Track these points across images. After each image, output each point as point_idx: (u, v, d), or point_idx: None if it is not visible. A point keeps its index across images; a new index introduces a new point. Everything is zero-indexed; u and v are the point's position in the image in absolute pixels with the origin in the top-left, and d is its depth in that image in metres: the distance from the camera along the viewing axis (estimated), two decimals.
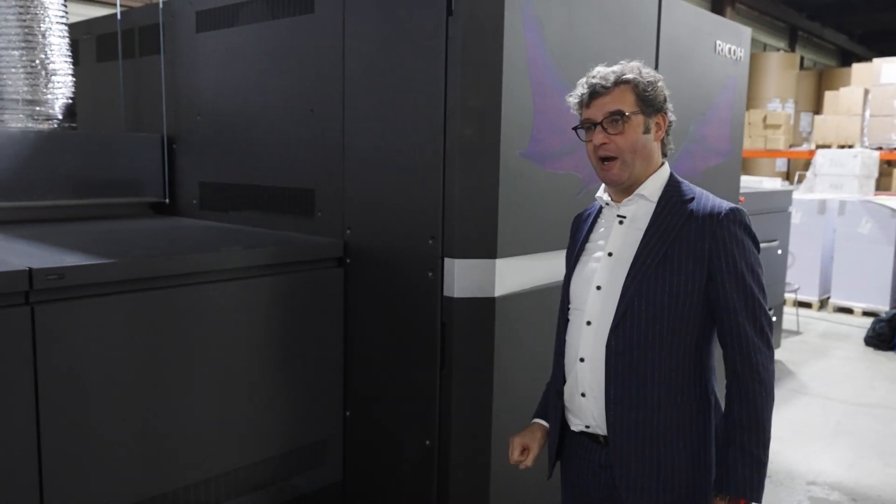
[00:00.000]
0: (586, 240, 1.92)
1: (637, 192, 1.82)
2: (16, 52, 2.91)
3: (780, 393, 5.36)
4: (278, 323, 2.41)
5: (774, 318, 6.20)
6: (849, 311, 8.10)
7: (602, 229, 1.89)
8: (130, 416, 2.06)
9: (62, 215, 3.04)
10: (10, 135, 2.84)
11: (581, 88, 1.82)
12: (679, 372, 1.76)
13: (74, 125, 3.15)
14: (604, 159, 1.79)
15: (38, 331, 1.86)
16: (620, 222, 1.84)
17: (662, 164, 1.86)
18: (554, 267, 2.41)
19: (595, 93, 1.79)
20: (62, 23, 3.04)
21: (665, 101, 1.83)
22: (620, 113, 1.76)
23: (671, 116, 1.85)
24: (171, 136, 3.31)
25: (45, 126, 3.01)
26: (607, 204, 1.88)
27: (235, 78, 3.00)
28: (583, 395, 1.84)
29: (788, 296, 7.22)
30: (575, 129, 1.87)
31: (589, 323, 1.82)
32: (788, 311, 7.18)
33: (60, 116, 3.06)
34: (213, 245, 2.43)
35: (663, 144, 1.87)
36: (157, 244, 2.45)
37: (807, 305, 8.24)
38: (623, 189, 1.84)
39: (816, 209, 8.13)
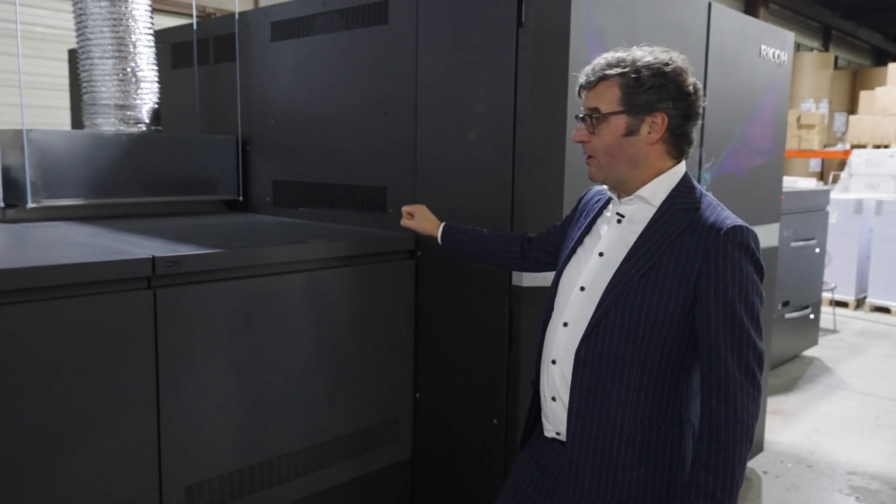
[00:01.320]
0: (587, 231, 1.79)
1: (637, 193, 1.67)
2: (110, 62, 3.15)
3: (817, 388, 5.49)
4: (356, 310, 2.62)
5: (812, 316, 6.30)
6: (885, 310, 8.13)
7: (603, 225, 1.76)
8: (234, 390, 2.29)
9: (148, 211, 3.29)
10: (104, 137, 3.09)
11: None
12: (649, 395, 1.61)
13: (160, 128, 3.39)
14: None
15: (159, 312, 2.09)
16: (619, 221, 1.71)
17: (674, 165, 1.67)
18: None
19: (581, 87, 1.68)
20: (149, 33, 3.29)
21: (662, 98, 1.59)
22: (595, 111, 1.63)
23: (684, 112, 1.61)
24: (244, 137, 3.55)
25: (134, 129, 3.26)
26: (612, 199, 1.76)
27: (308, 84, 3.22)
28: (553, 398, 1.75)
29: (825, 295, 7.29)
30: (578, 117, 1.73)
31: (566, 324, 1.71)
32: (825, 309, 7.26)
33: (147, 120, 3.31)
34: (300, 238, 2.64)
35: (673, 146, 1.65)
36: (248, 237, 2.67)
37: (843, 305, 8.29)
38: (612, 188, 1.73)
39: (853, 209, 8.18)
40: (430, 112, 2.73)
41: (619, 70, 1.60)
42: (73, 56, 4.79)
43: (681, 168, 1.69)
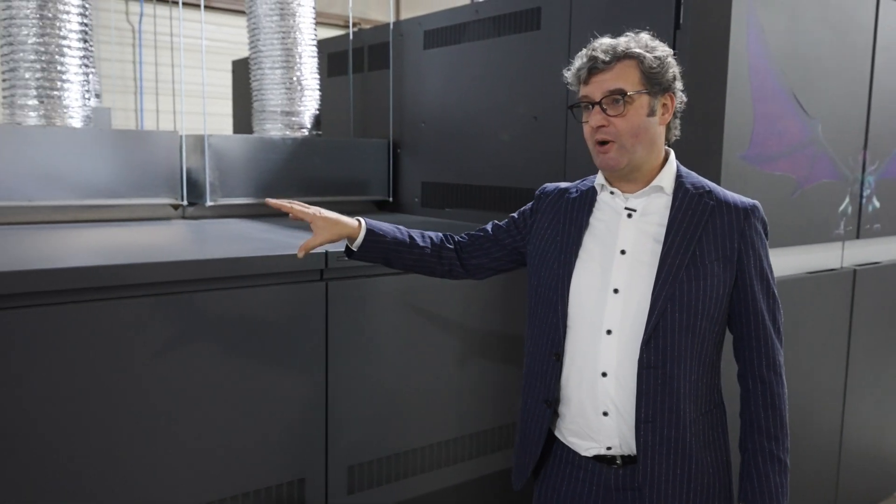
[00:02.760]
0: (583, 229, 1.68)
1: (654, 183, 1.63)
2: (279, 71, 3.41)
3: None
4: (504, 305, 2.69)
5: None
6: None
7: (602, 223, 1.67)
8: (393, 379, 2.42)
9: None
10: (272, 142, 3.35)
11: (579, 61, 1.61)
12: (704, 381, 1.62)
13: (320, 132, 3.63)
14: (601, 142, 1.60)
15: (330, 302, 2.26)
16: (629, 216, 1.63)
17: (669, 151, 1.68)
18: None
19: (595, 68, 1.57)
20: (313, 44, 3.52)
21: (675, 79, 1.61)
22: (622, 92, 1.55)
23: (681, 97, 1.64)
24: (395, 141, 3.72)
25: (298, 134, 3.50)
26: (612, 193, 1.66)
27: (458, 89, 3.34)
28: (605, 413, 1.62)
29: None
30: (570, 107, 1.68)
31: (609, 332, 1.60)
32: None
33: (309, 125, 3.54)
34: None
35: (668, 129, 1.65)
36: None
37: None
38: (621, 176, 1.64)
39: None
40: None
41: (640, 51, 1.56)
42: (237, 67, 5.19)
43: (672, 153, 1.69)
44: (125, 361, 1.92)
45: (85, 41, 2.91)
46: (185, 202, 3.16)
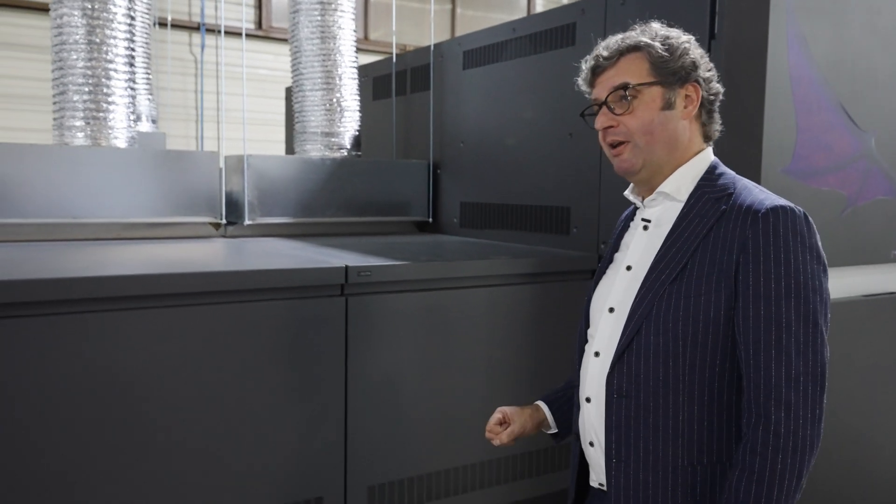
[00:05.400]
0: (615, 248, 1.58)
1: (659, 189, 1.46)
2: (319, 93, 3.46)
3: None
4: (537, 327, 2.62)
5: None
6: None
7: (629, 238, 1.55)
8: (415, 397, 2.38)
9: (347, 231, 3.54)
10: (312, 162, 3.38)
11: (584, 64, 1.52)
12: (705, 425, 1.35)
13: (360, 153, 3.65)
14: (613, 145, 1.46)
15: (350, 317, 2.23)
16: (645, 227, 1.49)
17: (702, 150, 1.48)
18: None
19: (598, 66, 1.47)
20: (353, 66, 3.56)
21: (696, 66, 1.43)
22: (625, 86, 1.41)
23: (714, 87, 1.47)
24: (436, 162, 3.71)
25: (337, 154, 3.53)
26: (641, 205, 1.53)
27: (496, 107, 3.31)
28: (591, 444, 1.49)
29: None
30: (582, 114, 1.56)
31: (597, 354, 1.46)
32: None
33: (349, 146, 3.57)
34: (483, 255, 2.71)
35: (704, 125, 1.48)
36: (435, 253, 2.79)
37: None
38: (643, 181, 1.49)
39: None
40: None
41: (644, 40, 1.43)
42: (289, 93, 5.32)
43: (708, 154, 1.49)
44: (141, 373, 1.94)
45: (131, 65, 3.01)
46: (223, 221, 3.21)
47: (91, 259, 2.36)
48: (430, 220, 3.73)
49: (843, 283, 2.62)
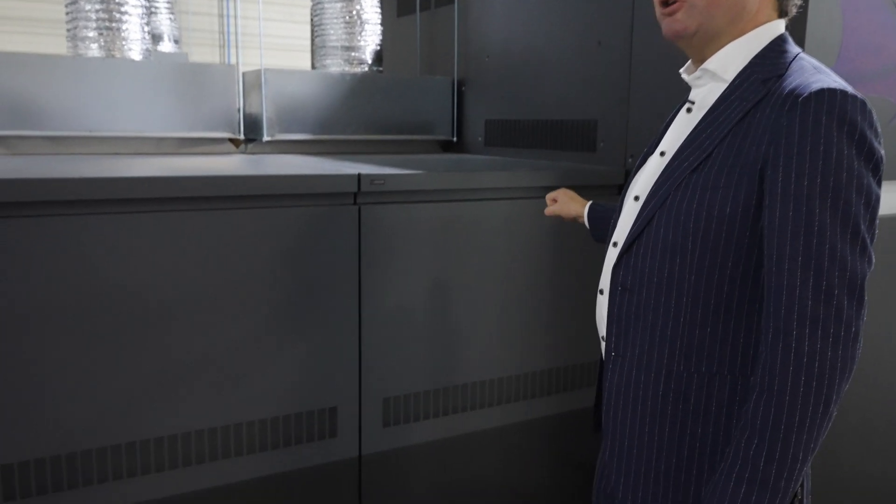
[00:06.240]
0: (661, 135, 1.45)
1: (704, 64, 1.30)
2: (338, 5, 3.33)
3: None
4: (553, 242, 2.53)
5: None
6: None
7: (675, 121, 1.42)
8: (430, 311, 2.32)
9: (368, 149, 3.45)
10: (331, 76, 3.28)
11: None
12: (707, 331, 1.22)
13: (381, 69, 3.53)
14: (667, 2, 1.29)
15: (363, 227, 2.17)
16: (689, 109, 1.36)
17: (774, 26, 1.27)
18: None
19: None
20: None
21: None
22: None
23: None
24: (460, 78, 3.58)
25: (358, 70, 3.42)
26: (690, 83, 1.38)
27: (522, 18, 3.15)
28: (603, 338, 1.41)
29: None
30: None
31: (615, 245, 1.38)
32: None
33: (370, 61, 3.46)
34: (505, 167, 2.61)
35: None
36: (453, 167, 2.70)
37: None
38: (695, 51, 1.33)
39: None
40: (646, 39, 2.54)
41: None
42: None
43: (773, 28, 1.27)
44: (151, 279, 1.91)
45: None
46: (242, 137, 3.15)
47: (103, 167, 2.32)
48: (455, 139, 3.62)
49: (891, 197, 2.46)
